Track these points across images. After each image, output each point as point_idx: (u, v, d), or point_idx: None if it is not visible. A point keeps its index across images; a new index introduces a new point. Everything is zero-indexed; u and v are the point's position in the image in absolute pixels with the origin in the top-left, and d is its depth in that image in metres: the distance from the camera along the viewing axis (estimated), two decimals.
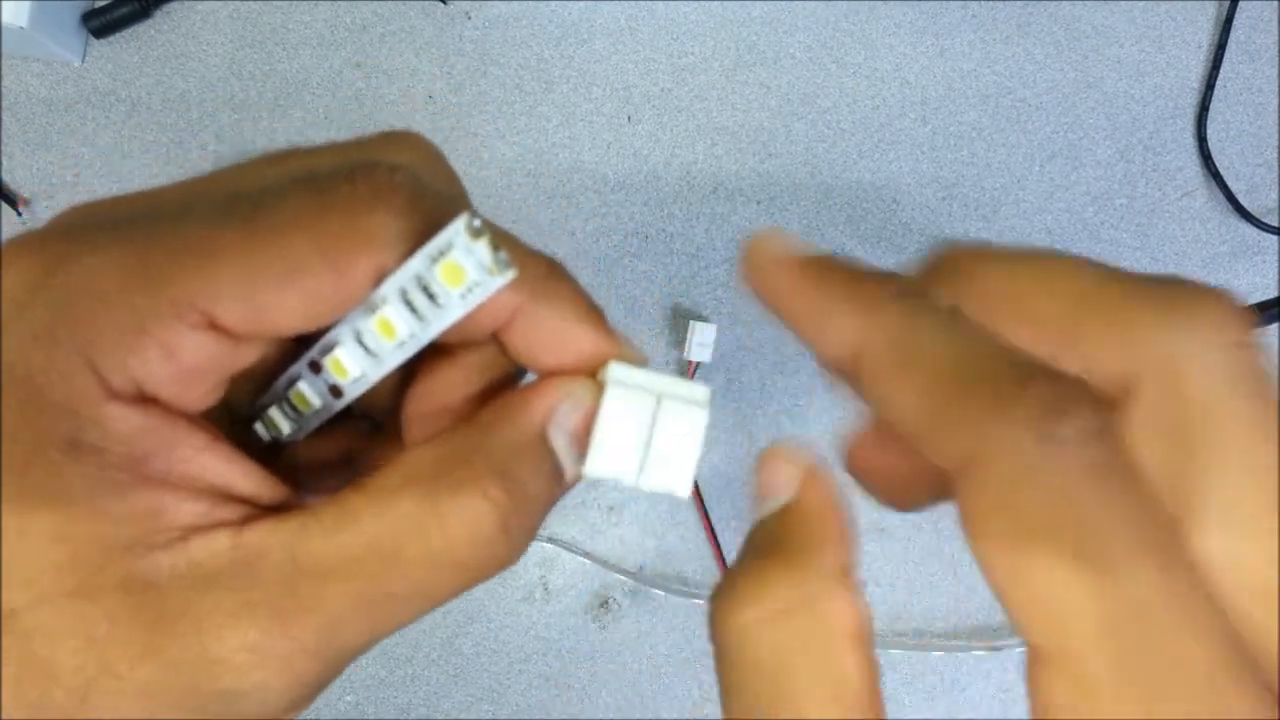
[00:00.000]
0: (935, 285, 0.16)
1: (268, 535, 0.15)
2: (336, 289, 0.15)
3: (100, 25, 0.49)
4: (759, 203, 0.52)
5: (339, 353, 0.17)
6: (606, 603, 0.49)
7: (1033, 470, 0.12)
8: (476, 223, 0.15)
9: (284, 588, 0.15)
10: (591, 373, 0.18)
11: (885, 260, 0.52)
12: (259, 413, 0.19)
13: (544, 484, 0.17)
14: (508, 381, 0.19)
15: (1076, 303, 0.14)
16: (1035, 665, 0.12)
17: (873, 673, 0.14)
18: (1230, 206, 0.53)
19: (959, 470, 0.13)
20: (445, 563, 0.16)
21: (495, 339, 0.18)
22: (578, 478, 0.18)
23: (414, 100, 0.51)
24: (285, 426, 0.18)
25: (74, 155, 0.49)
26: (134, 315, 0.14)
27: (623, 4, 0.52)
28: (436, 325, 0.16)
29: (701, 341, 0.49)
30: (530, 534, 0.17)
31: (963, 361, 0.13)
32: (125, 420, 0.15)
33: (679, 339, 0.50)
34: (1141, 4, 0.54)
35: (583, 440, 0.18)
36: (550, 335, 0.18)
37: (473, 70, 0.51)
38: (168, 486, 0.15)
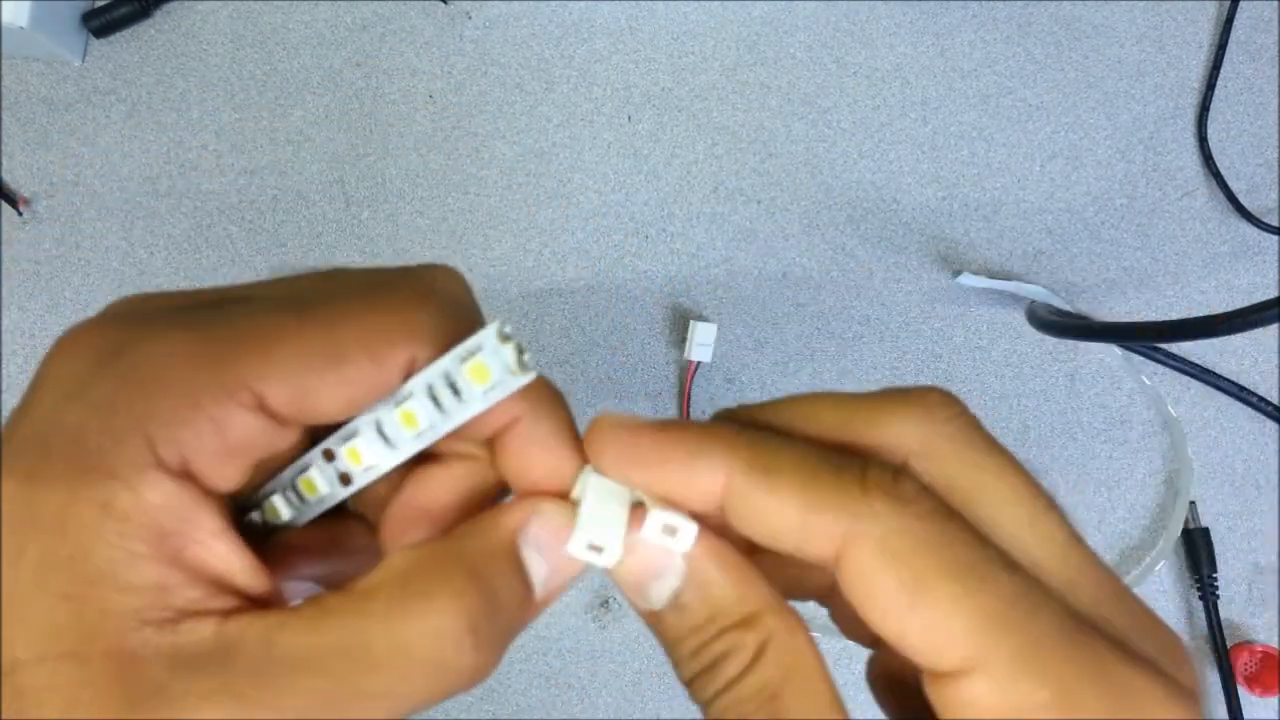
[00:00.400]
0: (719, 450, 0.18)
1: (248, 626, 0.16)
2: (374, 377, 0.17)
3: (100, 25, 0.49)
4: (759, 203, 0.52)
5: (357, 441, 0.18)
6: (606, 602, 0.49)
7: (900, 528, 0.16)
8: (507, 329, 0.17)
9: (256, 678, 0.15)
10: (564, 495, 0.19)
11: (885, 260, 0.52)
12: (261, 500, 0.19)
13: (514, 595, 0.18)
14: (490, 497, 0.20)
15: (845, 415, 0.18)
16: (946, 681, 0.16)
17: None
18: (1230, 206, 0.53)
19: (840, 553, 0.16)
20: (413, 665, 0.16)
21: (489, 447, 0.19)
22: (546, 600, 0.19)
23: (414, 100, 0.51)
24: (285, 513, 0.19)
25: (74, 155, 0.49)
26: (190, 391, 0.16)
27: (623, 4, 0.52)
28: (456, 418, 0.17)
29: (701, 341, 0.49)
30: (501, 646, 0.17)
31: (813, 471, 0.17)
32: (160, 491, 0.15)
33: (679, 339, 0.50)
34: (1141, 4, 0.54)
35: (553, 559, 0.18)
36: (537, 449, 0.19)
37: (473, 70, 0.51)
38: (177, 566, 0.16)
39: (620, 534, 0.18)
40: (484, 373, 0.17)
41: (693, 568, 0.18)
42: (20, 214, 0.49)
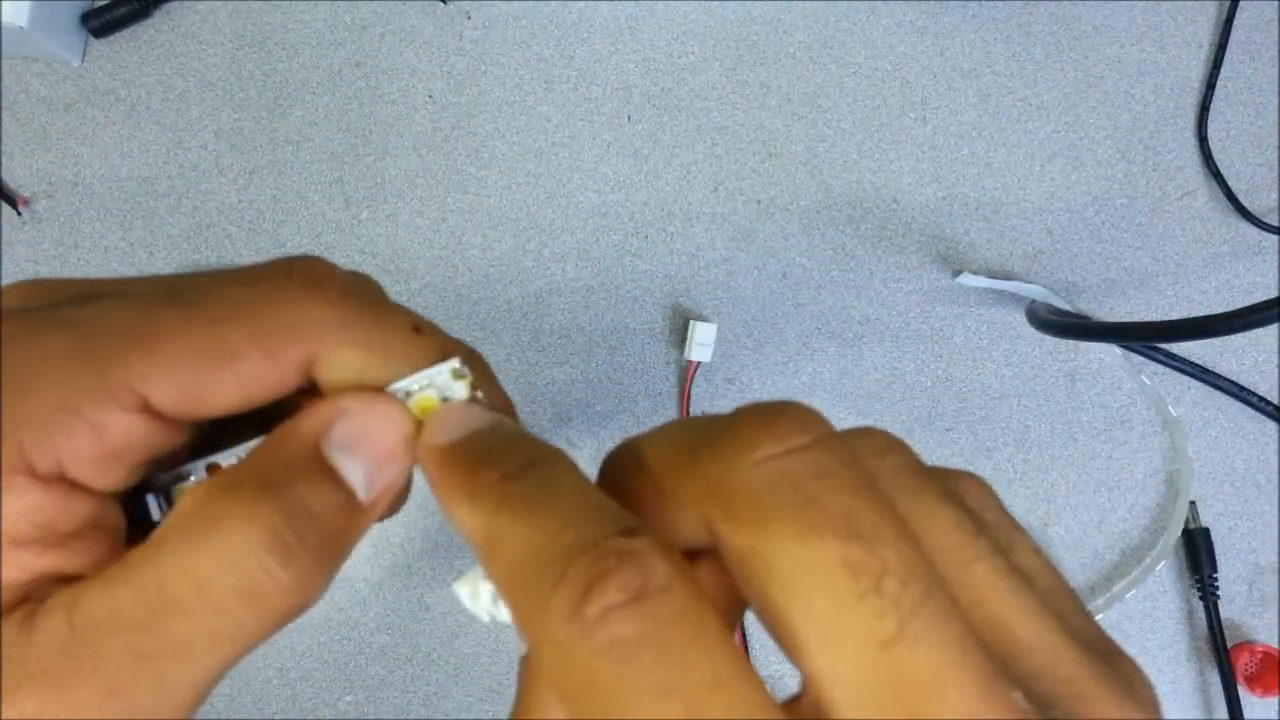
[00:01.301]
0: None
1: (52, 605, 0.15)
2: (269, 374, 0.16)
3: (100, 25, 0.49)
4: (759, 203, 0.52)
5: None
6: None
7: (567, 660, 0.12)
8: (462, 367, 0.17)
9: (60, 654, 0.14)
10: (380, 386, 0.17)
11: (885, 260, 0.52)
12: (157, 487, 0.19)
13: (328, 502, 0.16)
14: None
15: (665, 470, 0.15)
16: None
17: None
18: (1231, 206, 0.53)
19: (523, 662, 0.14)
20: (218, 598, 0.15)
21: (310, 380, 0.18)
22: (379, 503, 0.17)
23: (414, 100, 0.51)
24: (155, 514, 0.19)
25: (74, 155, 0.49)
26: (70, 395, 0.15)
27: (623, 4, 0.52)
28: None
29: (701, 341, 0.49)
30: (326, 560, 0.16)
31: (524, 556, 0.13)
32: (25, 498, 0.15)
33: (679, 339, 0.50)
34: (1141, 4, 0.54)
35: (369, 454, 0.17)
36: (348, 372, 0.17)
37: (473, 70, 0.51)
38: (29, 571, 0.15)
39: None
40: (433, 409, 0.17)
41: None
42: (20, 214, 0.49)
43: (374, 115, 0.51)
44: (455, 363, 0.17)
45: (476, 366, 0.18)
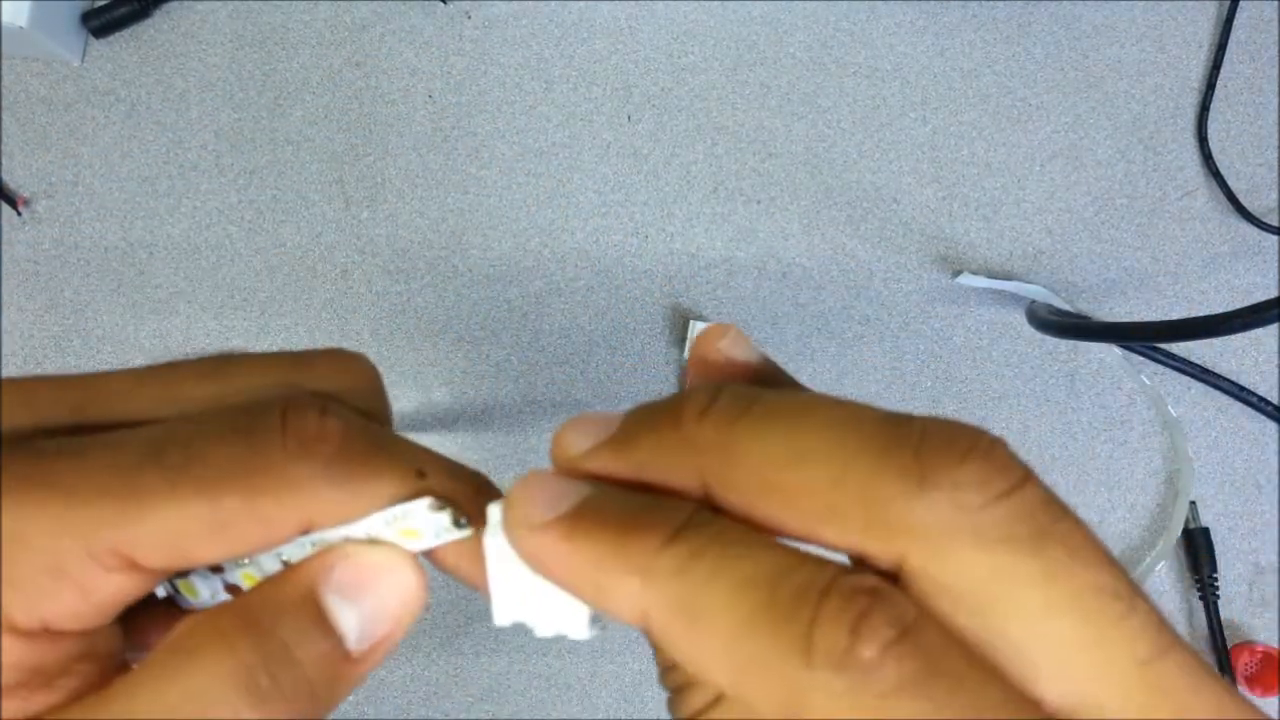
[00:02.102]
0: (691, 460, 0.15)
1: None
2: (263, 539, 0.16)
3: (100, 25, 0.49)
4: (759, 203, 0.52)
5: (255, 569, 0.17)
6: None
7: (851, 705, 0.12)
8: (439, 504, 0.16)
9: None
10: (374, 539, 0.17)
11: (885, 260, 0.52)
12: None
13: (315, 649, 0.16)
14: None
15: (830, 485, 0.14)
16: None
17: None
18: (1230, 206, 0.53)
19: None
20: None
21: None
22: (372, 653, 0.16)
23: (414, 100, 0.51)
24: (160, 591, 0.18)
25: (74, 155, 0.49)
26: (54, 558, 0.15)
27: (623, 4, 0.52)
28: None
29: None
30: (302, 711, 0.15)
31: (749, 608, 0.13)
32: (6, 654, 0.15)
33: (679, 339, 0.50)
34: (1141, 4, 0.54)
35: (368, 605, 0.16)
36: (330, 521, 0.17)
37: (473, 70, 0.51)
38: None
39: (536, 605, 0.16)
40: (416, 535, 0.16)
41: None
42: (20, 214, 0.49)
43: (374, 115, 0.51)
44: (434, 502, 0.16)
45: (485, 493, 0.17)
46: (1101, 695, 0.13)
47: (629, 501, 0.15)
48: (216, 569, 0.17)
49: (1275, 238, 0.53)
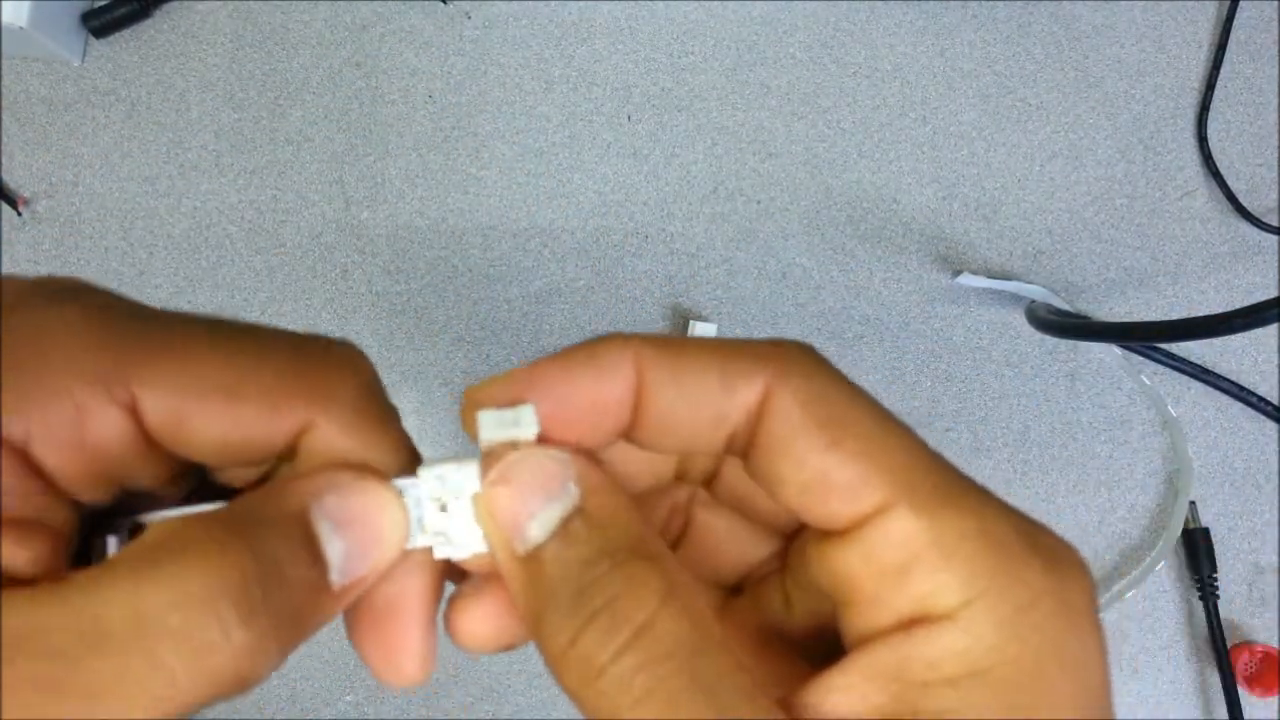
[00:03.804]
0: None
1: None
2: (263, 425, 0.15)
3: (100, 25, 0.49)
4: (759, 203, 0.52)
5: None
6: None
7: (819, 375, 0.16)
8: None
9: None
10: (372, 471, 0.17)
11: (885, 260, 0.52)
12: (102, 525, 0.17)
13: (303, 572, 0.15)
14: None
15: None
16: (862, 527, 0.15)
17: None
18: (1230, 206, 0.53)
19: (763, 402, 0.16)
20: (157, 641, 0.13)
21: (290, 458, 0.17)
22: (348, 591, 0.16)
23: (414, 100, 0.51)
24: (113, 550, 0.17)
25: (74, 155, 0.49)
26: (66, 371, 0.14)
27: (623, 4, 0.52)
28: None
29: None
30: (285, 633, 0.14)
31: (722, 345, 0.16)
32: None
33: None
34: (1141, 4, 0.54)
35: (354, 538, 0.16)
36: (341, 442, 0.16)
37: (473, 70, 0.51)
38: None
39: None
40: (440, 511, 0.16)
41: (587, 489, 0.15)
42: (20, 214, 0.49)
43: (374, 115, 0.51)
44: (474, 465, 0.16)
45: None
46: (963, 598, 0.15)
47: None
48: None
49: (1275, 238, 0.53)
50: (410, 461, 0.17)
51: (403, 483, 0.16)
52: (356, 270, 0.50)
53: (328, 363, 0.16)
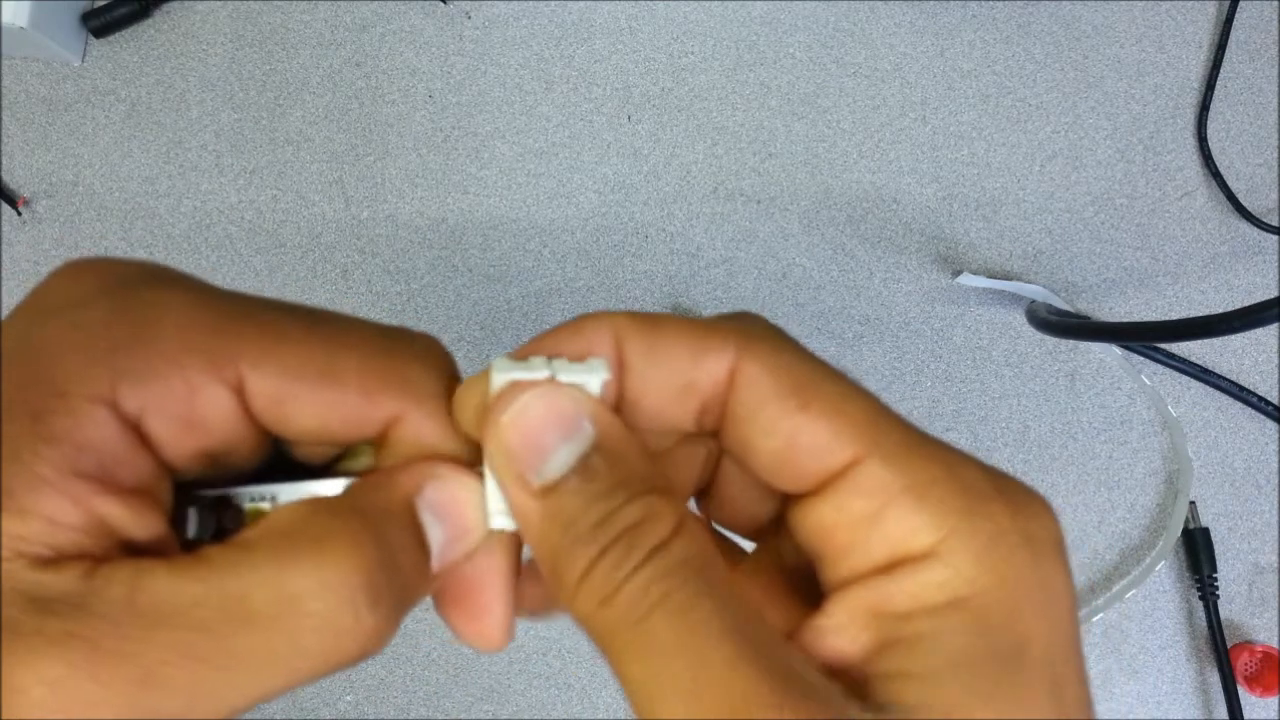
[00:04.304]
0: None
1: (115, 571, 0.14)
2: (357, 410, 0.16)
3: (100, 25, 0.49)
4: (759, 203, 0.52)
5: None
6: None
7: (784, 347, 0.17)
8: None
9: (113, 626, 0.13)
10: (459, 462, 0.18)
11: (885, 260, 0.52)
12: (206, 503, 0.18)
13: (413, 559, 0.16)
14: None
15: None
16: (834, 483, 0.16)
17: None
18: (1230, 206, 0.53)
19: (733, 372, 0.17)
20: (299, 622, 0.14)
21: (377, 447, 0.18)
22: (443, 573, 0.17)
23: (414, 100, 0.51)
24: (191, 530, 0.18)
25: (74, 155, 0.49)
26: (180, 348, 0.15)
27: (623, 4, 0.52)
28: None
29: None
30: (398, 615, 0.16)
31: (693, 321, 0.17)
32: (100, 429, 0.14)
33: None
34: (1141, 4, 0.54)
35: (451, 525, 0.17)
36: (428, 437, 0.18)
37: (473, 70, 0.51)
38: (81, 507, 0.14)
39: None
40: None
41: (604, 430, 0.16)
42: (20, 214, 0.49)
43: (374, 115, 0.51)
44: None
45: None
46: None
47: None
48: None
49: (1275, 238, 0.53)
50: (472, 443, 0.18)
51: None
52: (356, 270, 0.50)
53: (413, 353, 0.17)
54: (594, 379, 0.16)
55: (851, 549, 0.16)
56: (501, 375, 0.16)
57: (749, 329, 0.17)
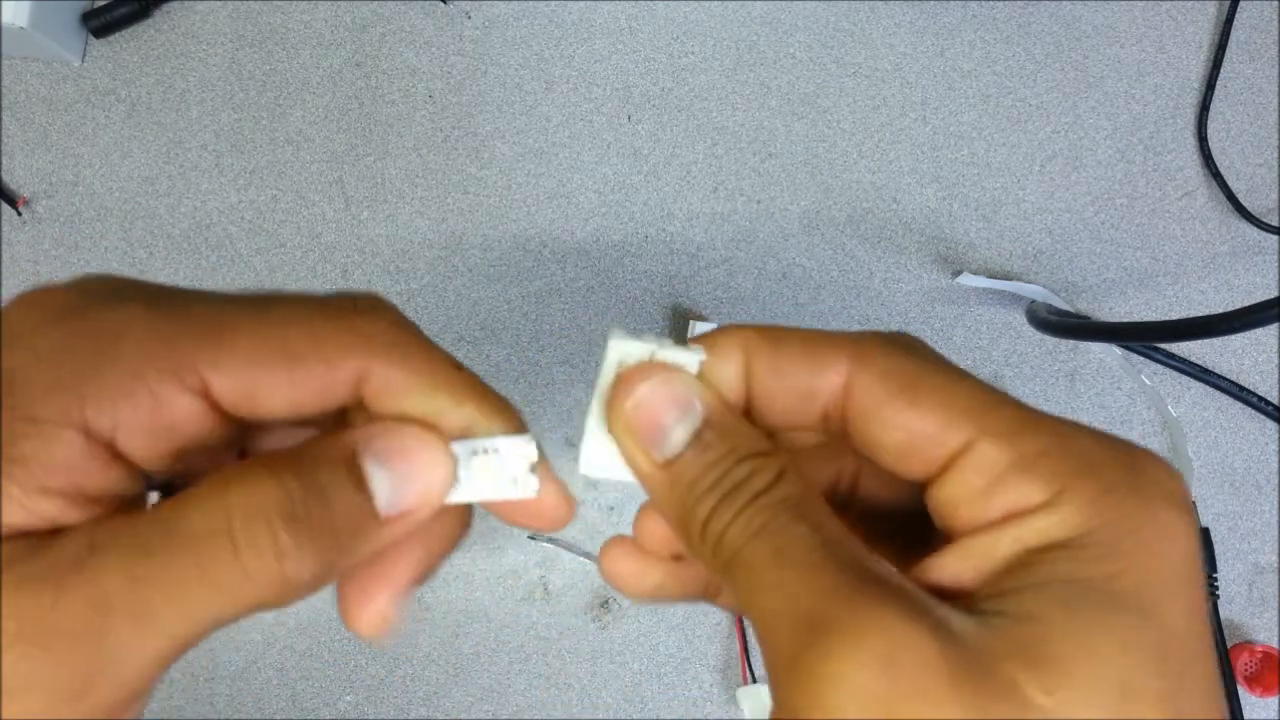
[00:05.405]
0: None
1: (77, 527, 0.16)
2: (324, 380, 0.17)
3: (100, 25, 0.49)
4: (759, 203, 0.52)
5: None
6: (606, 603, 0.49)
7: (894, 352, 0.19)
8: (526, 437, 0.19)
9: (70, 562, 0.15)
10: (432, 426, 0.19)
11: (885, 260, 0.52)
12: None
13: (350, 502, 0.17)
14: None
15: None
16: (951, 467, 0.18)
17: None
18: (1230, 206, 0.53)
19: (848, 380, 0.18)
20: (226, 543, 0.16)
21: (342, 415, 0.19)
22: (398, 524, 0.18)
23: (414, 100, 0.51)
24: None
25: (74, 155, 0.49)
26: (140, 363, 0.16)
27: (623, 4, 0.52)
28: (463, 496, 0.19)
29: None
30: (328, 554, 0.17)
31: (812, 333, 0.19)
32: (69, 450, 0.16)
33: (679, 339, 0.50)
34: (1141, 4, 0.54)
35: (399, 474, 0.18)
36: (394, 394, 0.19)
37: (473, 70, 0.51)
38: (48, 518, 0.16)
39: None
40: (488, 474, 0.19)
41: (711, 408, 0.19)
42: (20, 214, 0.49)
43: (374, 115, 0.51)
44: (531, 443, 0.19)
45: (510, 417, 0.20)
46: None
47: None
48: None
49: (1275, 238, 0.53)
50: (455, 370, 0.19)
51: (470, 443, 0.19)
52: (356, 270, 0.50)
53: (359, 312, 0.18)
54: (693, 359, 0.20)
55: (970, 519, 0.17)
56: (616, 344, 0.20)
57: (861, 339, 0.19)
